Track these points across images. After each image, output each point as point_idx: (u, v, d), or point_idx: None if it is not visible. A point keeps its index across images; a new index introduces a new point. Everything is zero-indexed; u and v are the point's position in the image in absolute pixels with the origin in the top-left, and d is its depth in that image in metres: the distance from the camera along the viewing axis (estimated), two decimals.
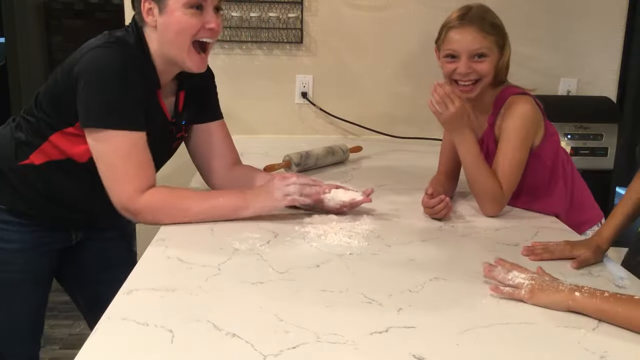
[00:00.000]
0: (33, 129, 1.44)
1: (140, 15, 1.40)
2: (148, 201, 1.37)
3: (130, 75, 1.35)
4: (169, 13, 1.37)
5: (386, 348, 0.94)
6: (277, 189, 1.43)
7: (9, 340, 1.55)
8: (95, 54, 1.35)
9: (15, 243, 1.50)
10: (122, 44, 1.38)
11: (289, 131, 2.63)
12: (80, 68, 1.34)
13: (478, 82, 1.59)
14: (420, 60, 2.60)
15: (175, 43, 1.39)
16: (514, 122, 1.57)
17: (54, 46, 6.16)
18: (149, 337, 0.95)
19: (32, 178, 1.46)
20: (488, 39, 1.57)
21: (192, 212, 1.41)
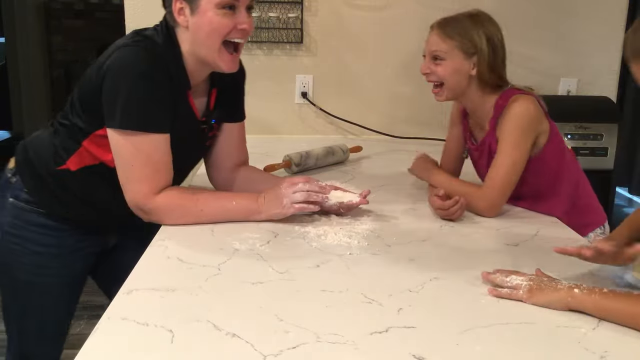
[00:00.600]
0: (68, 134, 1.44)
1: (171, 15, 1.38)
2: (161, 202, 1.37)
3: (156, 76, 1.34)
4: (201, 13, 1.35)
5: (386, 348, 0.94)
6: (285, 197, 1.42)
7: (37, 341, 1.56)
8: (122, 53, 1.34)
9: (53, 247, 1.51)
10: (150, 44, 1.36)
11: (289, 131, 2.63)
12: (106, 67, 1.33)
13: (441, 86, 1.64)
14: (420, 60, 2.59)
15: (206, 43, 1.37)
16: (509, 122, 1.57)
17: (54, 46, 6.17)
18: (149, 337, 0.95)
19: (69, 183, 1.46)
20: (447, 43, 1.60)
21: (205, 214, 1.41)
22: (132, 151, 1.34)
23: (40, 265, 1.50)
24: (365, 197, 1.51)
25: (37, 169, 1.48)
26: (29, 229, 1.49)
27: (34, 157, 1.49)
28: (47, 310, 1.55)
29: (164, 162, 1.38)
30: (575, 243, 1.44)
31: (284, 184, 1.44)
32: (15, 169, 1.51)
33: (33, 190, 1.48)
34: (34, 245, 1.49)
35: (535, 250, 1.37)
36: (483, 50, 1.60)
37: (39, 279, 1.51)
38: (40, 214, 1.49)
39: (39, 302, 1.53)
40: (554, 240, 1.44)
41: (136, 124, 1.33)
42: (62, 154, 1.45)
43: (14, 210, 1.49)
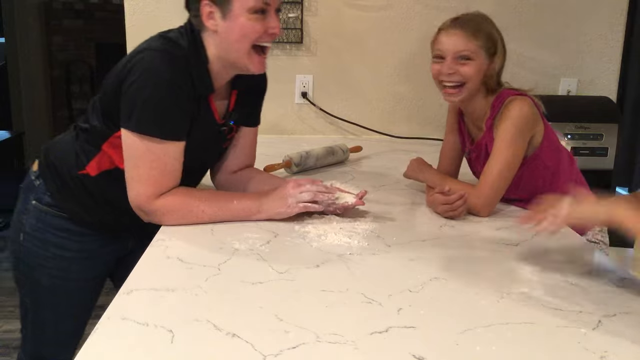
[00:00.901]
0: (88, 138, 1.45)
1: (198, 18, 1.36)
2: (162, 204, 1.36)
3: (179, 84, 1.33)
4: (233, 18, 1.34)
5: (386, 348, 0.94)
6: (290, 197, 1.42)
7: (52, 344, 1.57)
8: (147, 57, 1.32)
9: (75, 252, 1.52)
10: (176, 48, 1.35)
11: (289, 131, 2.64)
12: (130, 68, 1.32)
13: (462, 86, 1.61)
14: (420, 60, 2.60)
15: (235, 47, 1.37)
16: (504, 123, 1.58)
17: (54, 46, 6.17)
18: (149, 337, 0.95)
19: (90, 187, 1.47)
20: (474, 43, 1.59)
21: (206, 214, 1.41)
22: (142, 153, 1.33)
23: (62, 268, 1.51)
24: (361, 198, 1.50)
25: (59, 173, 1.48)
26: (52, 232, 1.49)
27: (56, 161, 1.49)
28: (66, 313, 1.55)
29: (172, 168, 1.37)
30: (575, 242, 1.45)
31: (290, 184, 1.44)
32: (39, 172, 1.51)
33: (56, 194, 1.49)
34: (57, 248, 1.50)
35: (535, 250, 1.37)
36: (500, 50, 1.61)
37: (60, 283, 1.52)
38: (62, 217, 1.49)
39: (59, 305, 1.54)
40: (554, 240, 1.44)
41: (152, 130, 1.32)
42: (82, 159, 1.45)
43: (37, 213, 1.49)
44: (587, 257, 1.33)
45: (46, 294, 1.53)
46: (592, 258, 1.35)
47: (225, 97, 1.50)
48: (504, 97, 1.61)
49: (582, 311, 1.07)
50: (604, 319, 1.04)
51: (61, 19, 6.13)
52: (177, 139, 1.36)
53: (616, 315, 1.06)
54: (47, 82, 6.12)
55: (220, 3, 1.33)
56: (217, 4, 1.34)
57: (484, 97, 1.64)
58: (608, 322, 1.03)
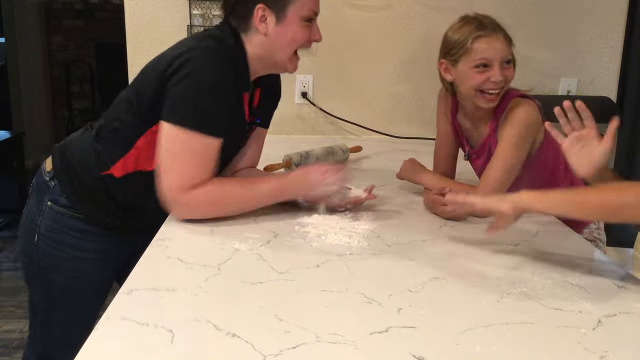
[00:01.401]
0: (116, 137, 1.44)
1: (247, 20, 1.41)
2: (194, 196, 1.36)
3: (227, 82, 1.37)
4: (287, 24, 1.41)
5: (386, 348, 0.94)
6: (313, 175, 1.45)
7: (60, 344, 1.55)
8: (198, 55, 1.35)
9: (91, 252, 1.52)
10: (224, 49, 1.39)
11: (289, 131, 2.64)
12: (179, 67, 1.33)
13: (502, 88, 1.59)
14: (420, 60, 2.60)
15: (283, 51, 1.44)
16: (510, 128, 1.57)
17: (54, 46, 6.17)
18: (149, 337, 0.95)
19: (112, 188, 1.46)
20: (511, 47, 1.59)
21: (238, 207, 1.43)
22: (182, 146, 1.35)
23: (78, 269, 1.51)
24: (370, 192, 1.54)
25: (77, 175, 1.48)
26: (68, 234, 1.49)
27: (74, 163, 1.49)
28: (77, 314, 1.55)
29: (208, 165, 1.38)
30: (575, 242, 1.45)
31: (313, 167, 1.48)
32: (54, 173, 1.51)
33: (72, 196, 1.48)
34: (73, 249, 1.50)
35: (535, 250, 1.37)
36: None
37: (75, 284, 1.52)
38: (79, 219, 1.49)
39: (71, 306, 1.54)
40: (554, 240, 1.44)
41: (197, 124, 1.34)
42: (105, 159, 1.45)
43: (52, 214, 1.49)
44: (587, 257, 1.33)
45: (59, 295, 1.53)
46: (592, 258, 1.35)
47: (249, 95, 1.52)
48: (508, 99, 1.60)
49: (582, 311, 1.07)
50: (604, 319, 1.04)
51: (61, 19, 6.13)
52: (218, 135, 1.37)
53: (616, 315, 1.06)
54: (47, 82, 6.12)
55: (276, 9, 1.39)
56: (272, 9, 1.39)
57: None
58: (608, 322, 1.03)
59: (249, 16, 1.40)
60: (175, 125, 1.34)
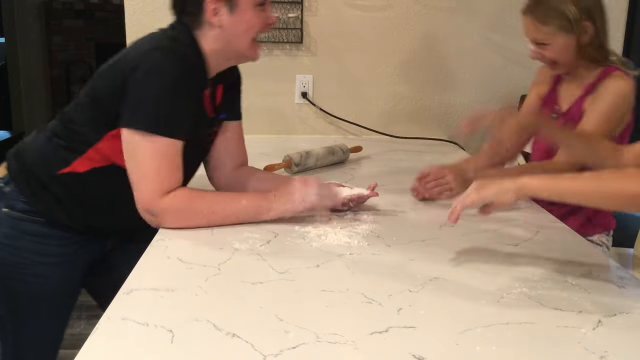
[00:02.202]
0: (76, 135, 1.42)
1: (199, 16, 1.39)
2: (171, 203, 1.35)
3: (186, 81, 1.35)
4: (241, 12, 1.39)
5: (386, 348, 0.94)
6: (297, 192, 1.42)
7: (33, 351, 1.54)
8: (154, 55, 1.33)
9: (54, 257, 1.48)
10: (181, 47, 1.37)
11: (289, 131, 2.63)
12: (135, 69, 1.32)
13: (555, 64, 1.62)
14: (420, 60, 2.60)
15: (242, 39, 1.42)
16: (599, 101, 1.57)
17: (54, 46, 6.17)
18: (149, 337, 0.95)
19: (73, 186, 1.44)
20: (543, 30, 1.58)
21: (217, 215, 1.39)
22: (148, 151, 1.33)
23: (41, 275, 1.48)
24: (373, 189, 1.55)
25: (37, 176, 1.45)
26: (27, 239, 1.46)
27: (32, 164, 1.46)
28: (46, 320, 1.53)
29: (176, 166, 1.37)
30: (575, 242, 1.45)
31: (298, 181, 1.45)
32: (9, 177, 1.47)
33: (31, 198, 1.45)
34: (33, 255, 1.47)
35: (535, 250, 1.37)
36: (579, 24, 1.57)
37: (39, 289, 1.49)
38: (39, 223, 1.46)
39: (39, 311, 1.51)
40: (554, 240, 1.44)
41: (159, 129, 1.32)
42: (66, 157, 1.42)
43: (9, 221, 1.45)
44: (587, 257, 1.33)
45: (25, 302, 1.49)
46: (592, 258, 1.35)
47: (210, 92, 1.51)
48: (604, 72, 1.60)
49: (582, 311, 1.07)
50: (604, 319, 1.04)
51: (61, 19, 6.13)
52: (182, 136, 1.36)
53: (616, 315, 1.06)
54: (47, 82, 6.13)
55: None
56: (223, 0, 1.38)
57: (585, 69, 1.63)
58: (608, 322, 1.03)
59: (201, 12, 1.38)
60: (136, 130, 1.32)
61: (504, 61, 2.63)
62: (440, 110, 2.67)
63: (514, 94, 2.62)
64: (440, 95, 2.65)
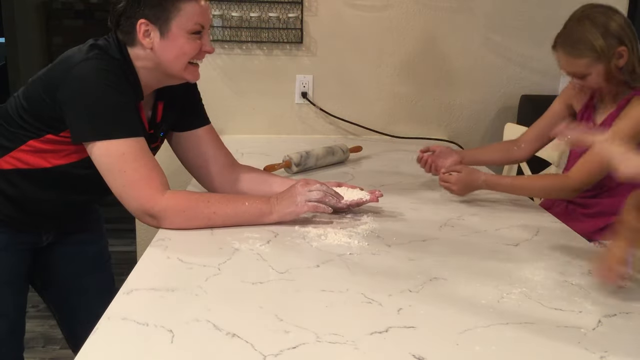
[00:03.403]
0: (6, 134, 1.41)
1: (130, 35, 1.38)
2: (170, 203, 1.34)
3: (120, 85, 1.34)
4: (172, 39, 1.37)
5: (386, 348, 0.94)
6: (299, 195, 1.42)
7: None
8: (85, 67, 1.32)
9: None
10: (107, 56, 1.36)
11: (289, 131, 2.63)
12: (70, 82, 1.31)
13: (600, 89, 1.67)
14: (420, 60, 2.60)
15: (174, 64, 1.40)
16: (623, 121, 1.58)
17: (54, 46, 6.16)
18: (149, 337, 0.95)
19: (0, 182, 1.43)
20: (579, 63, 1.61)
21: (219, 216, 1.39)
22: (120, 159, 1.32)
23: None
24: (377, 197, 1.54)
25: None
26: None
27: None
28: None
29: (153, 162, 1.36)
30: (575, 242, 1.45)
31: (299, 183, 1.44)
32: None
33: None
34: None
35: (536, 250, 1.37)
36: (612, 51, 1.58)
37: None
38: None
39: None
40: (554, 240, 1.44)
41: (116, 132, 1.31)
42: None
43: None
44: (587, 257, 1.32)
45: None
46: (592, 258, 1.35)
47: (150, 107, 1.50)
48: (633, 94, 1.62)
49: (582, 311, 1.07)
50: (604, 319, 1.04)
51: (61, 19, 6.13)
52: (139, 134, 1.35)
53: (616, 315, 1.06)
54: None
55: (159, 24, 1.36)
56: (155, 24, 1.36)
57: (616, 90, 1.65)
58: (608, 322, 1.04)
59: (133, 31, 1.37)
60: (98, 141, 1.31)
61: (504, 61, 2.63)
62: (440, 110, 2.67)
63: (514, 94, 2.63)
64: (440, 95, 2.65)
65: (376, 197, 1.54)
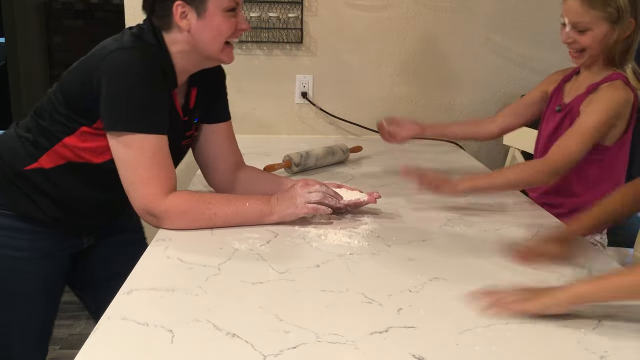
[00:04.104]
0: (43, 131, 1.41)
1: (166, 18, 1.38)
2: (172, 204, 1.34)
3: (154, 78, 1.34)
4: (209, 18, 1.37)
5: (386, 348, 0.94)
6: (299, 196, 1.42)
7: (18, 347, 1.53)
8: (119, 57, 1.32)
9: (25, 251, 1.47)
10: (144, 45, 1.37)
11: (289, 131, 2.64)
12: (103, 71, 1.31)
13: (583, 52, 1.60)
14: (420, 60, 2.60)
15: (211, 44, 1.40)
16: (594, 106, 1.56)
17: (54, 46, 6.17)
18: (149, 337, 0.95)
19: (42, 182, 1.43)
20: (590, 14, 1.54)
21: (219, 217, 1.39)
22: (136, 154, 1.32)
23: (14, 269, 1.46)
24: (375, 199, 1.54)
25: (3, 171, 1.44)
26: (1, 234, 1.44)
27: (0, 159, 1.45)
28: (28, 314, 1.51)
29: (167, 163, 1.36)
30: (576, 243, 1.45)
31: (299, 184, 1.44)
32: None
33: (2, 194, 1.44)
34: (8, 250, 1.45)
35: None
36: (625, 18, 1.53)
37: (14, 284, 1.47)
38: (10, 216, 1.44)
39: (18, 307, 1.49)
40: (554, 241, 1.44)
41: (140, 127, 1.31)
42: (32, 153, 1.41)
43: None
44: (587, 257, 1.32)
45: (3, 297, 1.48)
46: (592, 258, 1.35)
47: (184, 94, 1.50)
48: (608, 78, 1.58)
49: (582, 311, 1.07)
50: (604, 319, 1.04)
51: (61, 19, 6.13)
52: (163, 132, 1.35)
53: (616, 315, 1.06)
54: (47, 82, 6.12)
55: (195, 4, 1.36)
56: (192, 5, 1.36)
57: (599, 68, 1.62)
58: (608, 322, 1.03)
59: (169, 14, 1.37)
60: (120, 133, 1.31)
61: (504, 61, 2.63)
62: (440, 110, 2.67)
63: (514, 94, 2.63)
64: (440, 95, 2.66)
65: (374, 199, 1.54)
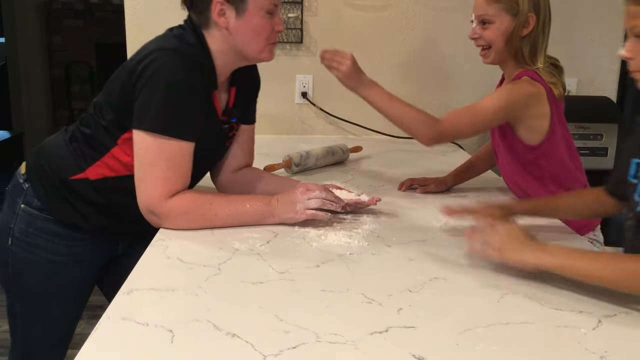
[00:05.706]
0: (89, 141, 1.43)
1: (205, 15, 1.38)
2: (175, 205, 1.34)
3: (194, 84, 1.34)
4: (248, 17, 1.37)
5: (386, 348, 0.94)
6: (299, 202, 1.41)
7: (42, 348, 1.55)
8: (160, 57, 1.32)
9: (67, 256, 1.49)
10: (187, 47, 1.36)
11: (289, 131, 2.63)
12: (143, 71, 1.31)
13: (489, 49, 1.63)
14: (420, 60, 2.60)
15: (250, 44, 1.40)
16: (495, 93, 1.61)
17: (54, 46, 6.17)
18: (149, 337, 0.95)
19: (87, 192, 1.44)
20: (493, 7, 1.57)
21: (220, 218, 1.39)
22: (156, 153, 1.32)
23: (53, 273, 1.49)
24: (375, 201, 1.54)
25: (49, 177, 1.46)
26: (42, 237, 1.47)
27: (46, 165, 1.47)
28: (56, 318, 1.53)
29: (185, 169, 1.36)
30: (576, 243, 1.45)
31: (300, 189, 1.43)
32: (27, 175, 1.49)
33: (44, 198, 1.46)
34: (47, 253, 1.48)
35: None
36: (523, 10, 1.56)
37: (51, 287, 1.50)
38: (53, 221, 1.47)
39: (50, 309, 1.52)
40: (554, 240, 1.44)
41: (168, 131, 1.32)
42: (81, 164, 1.43)
43: (26, 217, 1.47)
44: None
45: (37, 299, 1.51)
46: None
47: (224, 93, 1.50)
48: (521, 74, 1.59)
49: (582, 311, 1.07)
50: (604, 319, 1.04)
51: (61, 19, 6.13)
52: (190, 138, 1.35)
53: (616, 315, 1.06)
54: (47, 82, 6.12)
55: (235, 3, 1.36)
56: (231, 3, 1.36)
57: (514, 68, 1.63)
58: (608, 322, 1.03)
59: (208, 11, 1.37)
60: (145, 132, 1.32)
61: None
62: (440, 110, 2.64)
63: None
64: (440, 95, 2.65)
65: (374, 201, 1.54)
